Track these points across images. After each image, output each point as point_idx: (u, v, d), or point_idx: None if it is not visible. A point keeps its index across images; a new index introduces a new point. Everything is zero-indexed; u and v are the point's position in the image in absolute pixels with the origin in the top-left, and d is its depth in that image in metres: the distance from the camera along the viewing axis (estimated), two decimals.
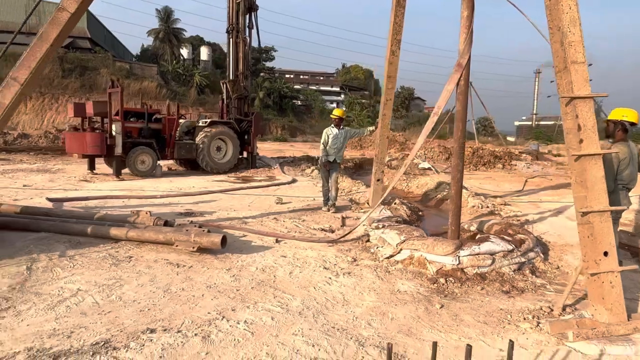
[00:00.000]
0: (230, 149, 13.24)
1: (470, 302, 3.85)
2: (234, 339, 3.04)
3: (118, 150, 10.83)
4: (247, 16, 14.04)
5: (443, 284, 4.17)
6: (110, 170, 12.15)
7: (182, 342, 2.97)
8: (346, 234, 5.47)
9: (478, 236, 5.10)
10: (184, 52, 54.00)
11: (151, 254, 4.72)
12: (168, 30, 52.10)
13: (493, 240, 4.58)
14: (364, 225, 5.78)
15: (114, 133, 10.79)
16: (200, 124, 13.11)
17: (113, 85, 11.49)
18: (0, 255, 4.36)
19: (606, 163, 3.62)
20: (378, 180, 7.29)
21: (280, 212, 7.24)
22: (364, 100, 70.73)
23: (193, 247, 4.62)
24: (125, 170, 11.48)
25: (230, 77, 14.06)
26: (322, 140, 7.20)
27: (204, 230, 4.76)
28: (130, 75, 41.53)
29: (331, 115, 7.36)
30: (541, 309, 3.67)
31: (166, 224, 5.20)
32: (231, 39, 13.90)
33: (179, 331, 3.12)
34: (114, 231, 4.92)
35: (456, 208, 4.96)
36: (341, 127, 7.22)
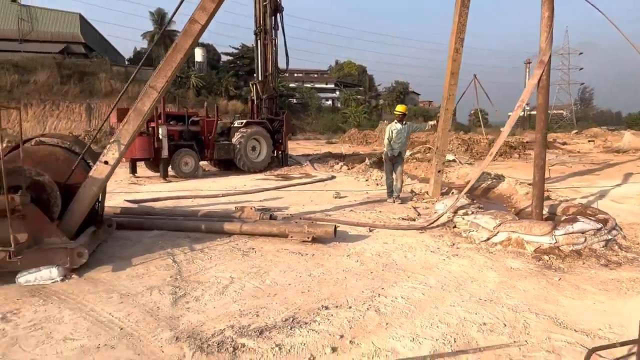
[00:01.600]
0: (264, 148, 13.62)
1: (580, 274, 4.29)
2: (402, 311, 3.45)
3: (165, 153, 11.16)
4: (273, 18, 14.38)
5: (547, 261, 4.61)
6: (150, 173, 12.47)
7: (360, 315, 3.38)
8: (434, 221, 5.89)
9: (563, 217, 5.54)
10: None
11: (268, 245, 5.11)
12: (163, 33, 52.10)
13: (583, 220, 5.03)
14: (448, 212, 6.20)
15: (160, 137, 11.11)
16: (236, 124, 13.46)
17: None
18: (140, 251, 4.72)
19: None
20: (439, 171, 7.73)
21: (349, 205, 7.64)
22: (359, 96, 71.01)
23: (308, 237, 5.01)
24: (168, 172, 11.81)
25: (260, 78, 14.41)
26: (386, 136, 7.62)
27: (312, 222, 5.15)
28: (128, 80, 41.64)
29: (395, 112, 7.79)
30: None
31: (271, 217, 5.58)
32: (259, 41, 14.24)
33: (349, 307, 3.53)
34: (228, 226, 5.29)
35: (539, 192, 5.41)
36: (404, 122, 7.65)
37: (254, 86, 14.57)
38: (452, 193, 8.00)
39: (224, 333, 3.15)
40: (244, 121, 13.55)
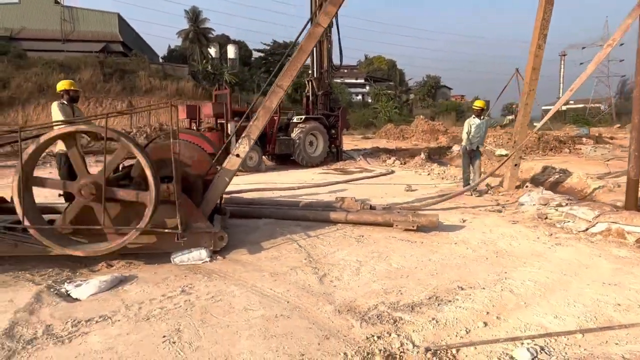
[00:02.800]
0: (321, 143, 14.01)
1: None
2: (534, 292, 3.73)
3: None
4: None
5: None
6: None
7: (497, 295, 3.68)
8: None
9: None
10: (212, 51, 55.01)
11: (374, 233, 5.46)
12: (197, 31, 53.22)
13: None
14: (533, 205, 6.42)
15: (229, 132, 11.62)
16: (295, 120, 13.89)
17: (219, 88, 12.33)
18: (263, 237, 5.15)
19: None
20: (516, 165, 7.92)
21: (426, 198, 7.92)
22: (389, 91, 70.67)
23: (413, 226, 5.33)
24: None
25: (315, 75, 14.78)
26: (465, 130, 7.86)
27: (415, 212, 5.46)
28: (166, 77, 42.84)
29: (474, 107, 8.02)
30: None
31: (371, 208, 5.92)
32: None
33: (483, 288, 3.83)
34: (334, 215, 5.67)
35: (634, 183, 5.56)
36: (482, 117, 7.87)
37: (310, 82, 14.96)
38: (526, 186, 8.17)
39: (377, 308, 3.51)
40: (303, 117, 13.96)
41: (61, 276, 4.02)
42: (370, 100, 70.00)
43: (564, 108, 64.90)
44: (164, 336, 2.99)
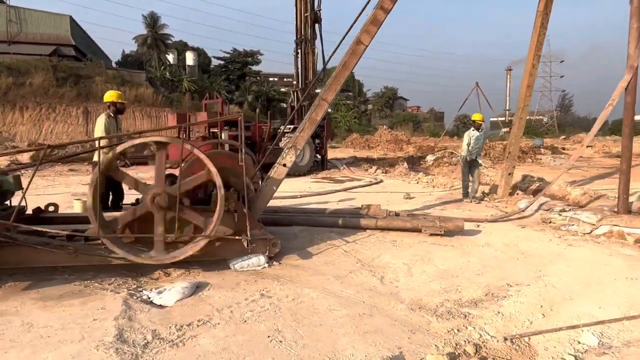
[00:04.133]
0: (308, 153, 14.30)
1: None
2: (574, 287, 4.21)
3: None
4: (312, 28, 15.10)
5: None
6: None
7: (544, 290, 4.13)
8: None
9: None
10: (170, 57, 54.02)
11: (405, 238, 5.81)
12: (156, 36, 52.09)
13: None
14: (536, 210, 7.03)
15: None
16: (284, 129, 14.08)
17: (210, 97, 12.35)
18: (305, 243, 5.37)
19: None
20: (509, 174, 8.58)
21: (430, 205, 8.41)
22: (349, 102, 72.03)
23: (440, 231, 5.73)
24: None
25: (300, 86, 15.09)
26: (465, 142, 8.44)
27: (441, 218, 5.88)
28: (124, 83, 41.58)
29: (474, 119, 8.62)
30: None
31: (396, 214, 6.28)
32: (300, 50, 14.93)
33: (528, 285, 4.27)
34: (364, 221, 5.97)
35: (625, 189, 6.28)
36: (480, 129, 8.49)
37: (295, 93, 15.25)
38: (518, 194, 8.85)
39: (444, 305, 3.85)
40: (292, 127, 14.18)
41: (128, 284, 4.06)
42: (330, 110, 70.88)
43: (510, 119, 68.71)
44: (269, 336, 3.17)
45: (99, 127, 5.72)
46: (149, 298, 3.70)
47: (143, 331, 3.14)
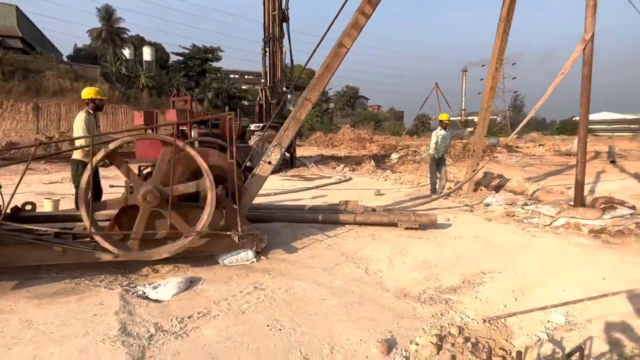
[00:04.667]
0: None
1: (634, 246, 5.69)
2: (541, 274, 4.59)
3: None
4: (280, 27, 15.19)
5: (604, 239, 6.00)
6: None
7: (514, 276, 4.50)
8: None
9: (601, 204, 7.00)
10: (126, 52, 52.36)
11: (382, 232, 6.08)
12: (111, 30, 50.28)
13: (619, 207, 6.50)
14: (500, 204, 7.50)
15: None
16: (252, 127, 14.12)
17: (178, 94, 12.21)
18: (289, 239, 5.52)
19: None
20: (474, 170, 9.06)
21: (402, 201, 8.76)
22: None
23: (415, 225, 6.05)
24: None
25: (269, 84, 15.15)
26: (434, 141, 8.84)
27: (415, 212, 6.20)
28: (78, 78, 39.94)
29: (440, 119, 9.03)
30: None
31: (373, 210, 6.54)
32: (268, 48, 14.98)
33: (500, 272, 4.63)
34: (343, 217, 6.20)
35: (581, 185, 6.84)
36: (447, 129, 8.92)
37: (263, 91, 15.28)
38: (481, 189, 9.37)
39: (426, 292, 4.14)
40: (261, 125, 14.25)
41: (120, 281, 4.09)
42: (291, 108, 70.67)
43: (470, 118, 71.30)
44: (268, 325, 3.33)
45: (79, 124, 5.63)
46: (145, 293, 3.75)
47: (145, 324, 3.21)
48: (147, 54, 54.10)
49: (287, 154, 15.42)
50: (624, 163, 17.28)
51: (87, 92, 5.94)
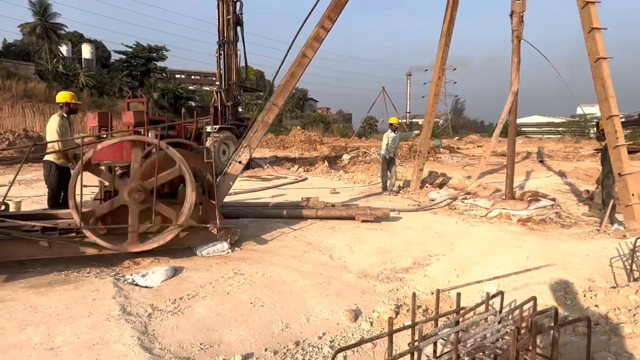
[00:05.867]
0: (233, 152, 14.69)
1: (555, 232, 6.68)
2: (477, 255, 5.40)
3: None
4: (234, 31, 15.52)
5: (529, 226, 6.98)
6: None
7: (456, 258, 5.27)
8: (437, 203, 8.02)
9: (528, 197, 8.03)
10: (63, 49, 50.00)
11: (342, 225, 6.70)
12: (47, 26, 47.77)
13: (542, 199, 7.55)
14: (443, 200, 8.38)
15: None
16: (209, 129, 14.32)
17: (134, 96, 12.20)
18: (258, 232, 6.00)
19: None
20: (420, 170, 9.95)
21: (356, 198, 9.45)
22: (260, 102, 72.11)
23: (371, 218, 6.73)
24: None
25: (224, 87, 15.41)
26: (384, 142, 9.62)
27: (371, 207, 6.89)
28: (10, 76, 37.79)
29: (390, 122, 9.83)
30: (591, 230, 6.68)
31: (332, 205, 7.15)
32: (222, 52, 15.26)
33: (444, 255, 5.40)
34: (306, 212, 6.75)
35: (510, 182, 7.84)
36: (396, 131, 9.73)
37: (218, 94, 15.52)
38: (427, 186, 10.29)
39: (383, 273, 4.82)
40: (217, 127, 14.49)
41: (106, 273, 4.41)
42: (241, 110, 70.28)
43: (414, 121, 74.24)
44: (251, 302, 3.84)
45: (53, 127, 5.79)
46: (134, 281, 4.12)
47: (142, 305, 3.62)
48: (86, 51, 51.82)
49: None
50: (551, 162, 19.13)
51: (63, 96, 6.09)
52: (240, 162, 5.69)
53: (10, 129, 29.40)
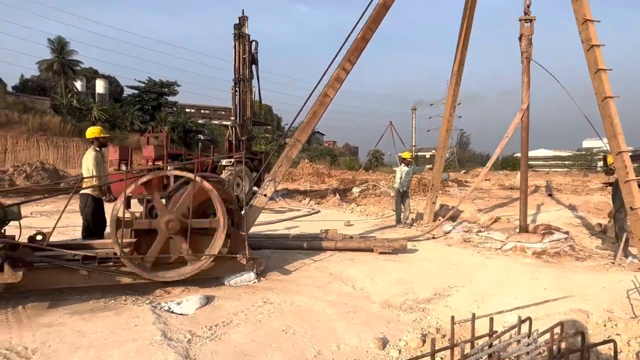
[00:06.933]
0: (247, 185, 15.00)
1: (570, 264, 6.81)
2: (494, 287, 5.54)
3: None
4: (249, 69, 16.17)
5: (544, 259, 7.11)
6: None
7: (475, 289, 5.42)
8: (433, 228, 8.18)
9: (541, 230, 8.18)
10: (78, 84, 51.68)
11: (360, 256, 6.88)
12: (63, 62, 49.55)
13: (556, 232, 7.70)
14: (458, 232, 8.55)
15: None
16: (224, 162, 14.73)
17: (153, 130, 12.71)
18: (280, 263, 6.20)
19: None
20: (433, 203, 10.16)
21: (372, 230, 9.64)
22: (267, 135, 73.42)
23: (389, 249, 6.91)
24: None
25: (239, 122, 15.92)
26: (398, 176, 9.90)
27: (388, 239, 7.09)
28: (26, 110, 38.98)
29: (403, 157, 10.15)
30: (606, 263, 6.80)
31: (350, 237, 7.35)
32: (238, 89, 15.85)
33: (463, 286, 5.55)
34: (325, 243, 6.96)
35: (524, 215, 8.03)
36: (409, 165, 10.02)
37: (233, 129, 16.02)
38: (439, 219, 10.46)
39: (406, 303, 4.97)
40: (233, 160, 14.88)
41: (141, 300, 4.61)
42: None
43: (421, 154, 74.88)
44: (283, 330, 4.01)
45: (91, 160, 6.09)
46: (170, 308, 4.31)
47: (181, 332, 3.80)
48: (100, 86, 53.50)
49: (256, 188, 16.05)
50: (560, 196, 19.26)
51: (92, 132, 6.46)
52: (265, 195, 5.95)
53: (27, 161, 30.19)
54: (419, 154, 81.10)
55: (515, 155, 60.44)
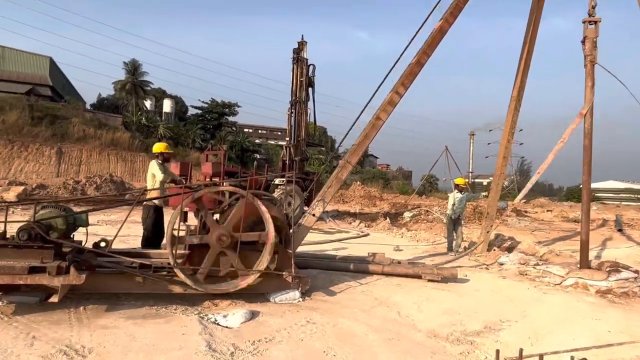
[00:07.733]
0: (298, 204, 15.23)
1: (637, 306, 6.27)
2: (551, 324, 5.20)
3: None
4: (306, 92, 16.60)
5: (610, 299, 6.59)
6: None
7: (529, 325, 5.11)
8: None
9: (607, 267, 7.61)
10: (147, 103, 55.20)
11: (408, 282, 6.73)
12: (135, 83, 53.28)
13: (624, 270, 7.13)
14: (513, 264, 8.15)
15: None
16: (277, 181, 15.09)
17: (212, 148, 13.30)
18: (325, 283, 6.20)
19: None
20: (488, 232, 9.78)
21: (421, 257, 9.42)
22: (321, 156, 74.13)
23: (438, 277, 6.70)
24: None
25: (293, 142, 16.31)
26: (450, 202, 9.67)
27: (437, 266, 6.88)
28: (101, 126, 42.04)
29: (457, 183, 9.92)
30: None
31: (398, 262, 7.23)
32: (294, 110, 16.30)
33: (516, 321, 5.25)
34: (372, 267, 6.88)
35: (585, 248, 7.51)
36: (463, 192, 9.76)
37: (287, 149, 16.43)
38: (495, 250, 10.03)
39: (453, 334, 4.77)
40: (285, 179, 15.21)
41: (190, 310, 4.78)
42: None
43: (478, 181, 72.41)
44: (324, 351, 3.99)
45: (158, 169, 6.46)
46: (216, 320, 4.44)
47: (225, 344, 3.89)
48: (167, 106, 56.95)
49: (306, 208, 16.25)
50: (631, 232, 17.82)
51: (158, 147, 6.89)
52: (314, 215, 6.02)
53: (98, 173, 32.53)
54: (476, 180, 78.45)
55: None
